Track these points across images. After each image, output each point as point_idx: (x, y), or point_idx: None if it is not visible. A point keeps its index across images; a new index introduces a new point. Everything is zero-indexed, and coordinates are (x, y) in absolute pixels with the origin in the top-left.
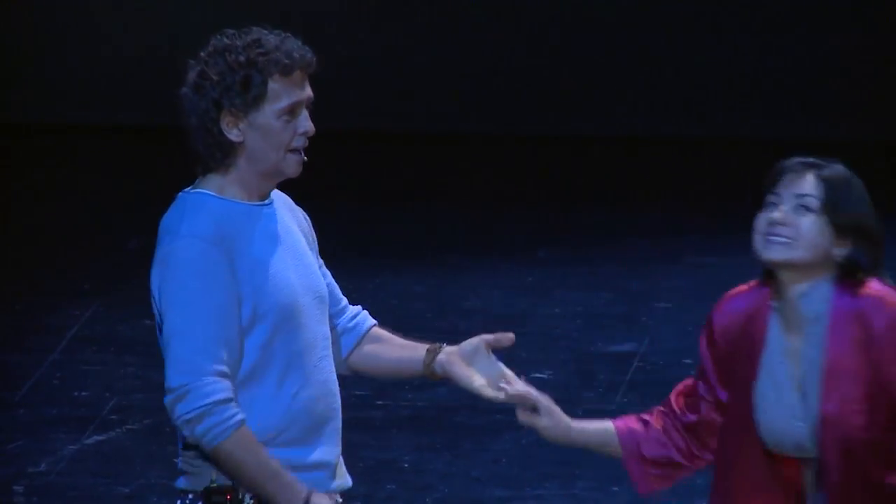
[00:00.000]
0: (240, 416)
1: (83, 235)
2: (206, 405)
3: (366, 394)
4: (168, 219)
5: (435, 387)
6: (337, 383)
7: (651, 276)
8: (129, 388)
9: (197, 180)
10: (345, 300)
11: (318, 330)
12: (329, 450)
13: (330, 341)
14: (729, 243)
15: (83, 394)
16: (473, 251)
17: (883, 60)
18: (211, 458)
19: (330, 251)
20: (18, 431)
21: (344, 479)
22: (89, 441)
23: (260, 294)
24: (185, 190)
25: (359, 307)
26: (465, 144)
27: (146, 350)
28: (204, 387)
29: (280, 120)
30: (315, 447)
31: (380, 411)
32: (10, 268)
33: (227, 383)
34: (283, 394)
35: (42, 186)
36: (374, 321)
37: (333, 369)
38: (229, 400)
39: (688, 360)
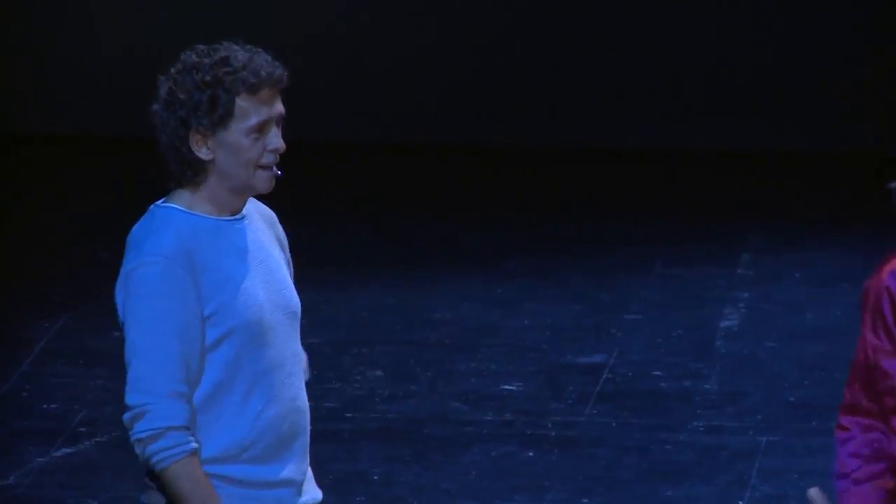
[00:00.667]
0: (192, 445)
1: (52, 247)
2: (161, 427)
3: (335, 406)
4: (136, 232)
5: (404, 399)
6: (306, 400)
7: (621, 287)
8: (99, 400)
9: (170, 192)
10: None
11: (286, 347)
12: (295, 468)
13: (300, 358)
14: (699, 254)
15: (52, 406)
16: (443, 263)
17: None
18: (158, 478)
19: (300, 263)
20: None
21: (313, 494)
22: (58, 453)
23: (226, 311)
24: (157, 202)
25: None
26: (434, 155)
27: (115, 362)
28: (163, 409)
29: (248, 138)
30: (281, 465)
31: (349, 423)
32: None
33: (186, 405)
34: (248, 411)
35: (10, 197)
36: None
37: (303, 386)
38: (185, 427)
39: (657, 372)
